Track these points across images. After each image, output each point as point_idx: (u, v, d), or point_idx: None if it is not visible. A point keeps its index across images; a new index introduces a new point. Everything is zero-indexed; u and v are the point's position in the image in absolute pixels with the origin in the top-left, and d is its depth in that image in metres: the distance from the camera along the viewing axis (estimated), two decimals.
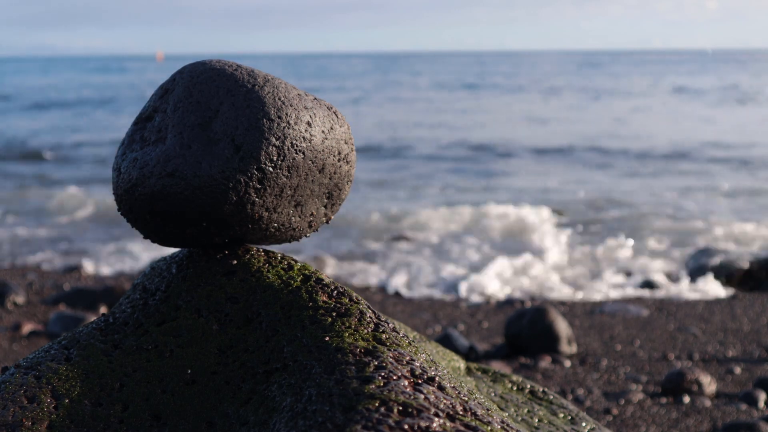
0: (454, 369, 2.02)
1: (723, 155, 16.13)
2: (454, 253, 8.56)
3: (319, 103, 1.76)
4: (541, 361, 4.87)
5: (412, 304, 6.39)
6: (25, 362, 1.67)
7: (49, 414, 1.55)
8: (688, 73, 54.66)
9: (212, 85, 1.67)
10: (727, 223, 9.79)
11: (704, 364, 4.86)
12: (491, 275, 7.39)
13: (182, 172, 1.63)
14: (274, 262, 1.78)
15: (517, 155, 16.87)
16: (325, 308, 1.65)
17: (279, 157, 1.66)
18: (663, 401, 4.23)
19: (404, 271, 7.71)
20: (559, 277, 7.54)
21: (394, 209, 10.83)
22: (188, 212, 1.65)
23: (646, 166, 15.08)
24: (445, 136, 19.90)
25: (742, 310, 6.12)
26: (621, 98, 31.66)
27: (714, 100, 29.80)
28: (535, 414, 1.93)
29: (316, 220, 1.81)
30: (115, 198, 1.74)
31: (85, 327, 1.77)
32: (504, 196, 12.03)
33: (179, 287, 1.75)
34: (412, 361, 1.53)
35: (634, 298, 6.71)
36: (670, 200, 11.61)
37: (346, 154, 1.79)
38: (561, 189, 12.73)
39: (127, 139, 1.76)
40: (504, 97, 33.61)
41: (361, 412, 1.33)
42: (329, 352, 1.53)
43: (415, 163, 15.78)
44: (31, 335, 5.43)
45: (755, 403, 4.19)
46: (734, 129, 20.71)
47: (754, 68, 61.87)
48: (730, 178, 13.56)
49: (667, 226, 9.82)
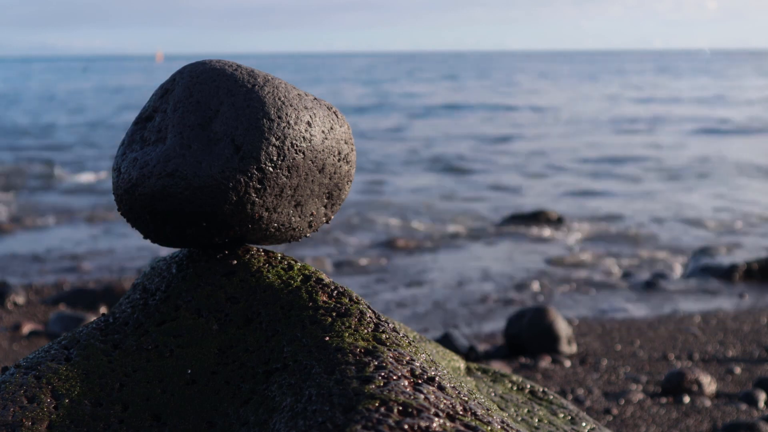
0: (454, 369, 2.02)
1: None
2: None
3: (319, 103, 1.76)
4: (541, 361, 4.87)
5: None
6: (25, 362, 1.67)
7: (49, 414, 1.55)
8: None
9: (212, 85, 1.67)
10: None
11: (704, 364, 4.86)
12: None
13: (182, 172, 1.63)
14: (274, 262, 1.78)
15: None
16: (325, 308, 1.65)
17: (279, 157, 1.66)
18: (663, 401, 4.23)
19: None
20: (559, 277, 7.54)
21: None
22: (188, 212, 1.65)
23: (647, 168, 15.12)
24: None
25: (742, 310, 6.12)
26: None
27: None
28: (535, 414, 1.93)
29: (316, 220, 1.81)
30: (114, 198, 1.74)
31: (85, 327, 1.77)
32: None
33: (179, 287, 1.75)
34: (412, 361, 1.53)
35: (634, 298, 6.71)
36: (670, 200, 11.63)
37: (347, 154, 1.79)
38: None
39: (127, 139, 1.76)
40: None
41: (361, 412, 1.33)
42: (329, 352, 1.53)
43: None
44: (31, 335, 5.43)
45: (755, 403, 4.19)
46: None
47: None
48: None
49: (667, 226, 9.83)
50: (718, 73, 57.39)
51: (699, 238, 9.10)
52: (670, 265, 7.94)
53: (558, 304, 6.37)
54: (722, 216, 10.42)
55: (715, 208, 11.00)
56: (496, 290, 6.86)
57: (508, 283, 7.14)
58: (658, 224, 9.98)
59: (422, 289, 6.91)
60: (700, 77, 50.88)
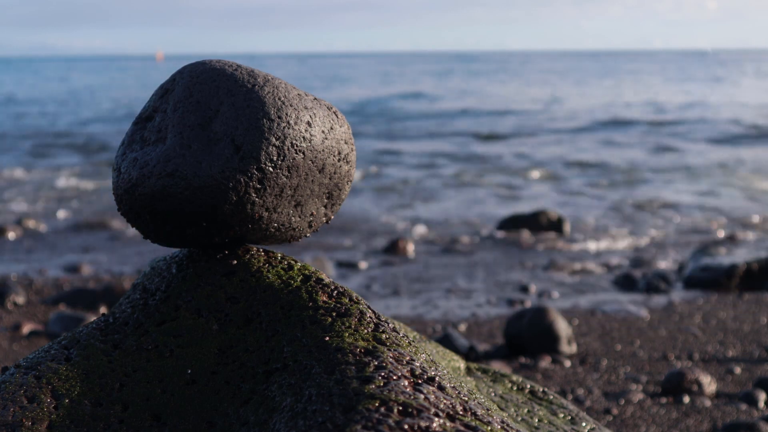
0: (454, 369, 2.02)
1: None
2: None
3: (319, 103, 1.76)
4: (541, 361, 4.87)
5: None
6: (25, 362, 1.67)
7: (49, 414, 1.55)
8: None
9: (212, 85, 1.67)
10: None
11: (704, 364, 4.86)
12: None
13: (182, 172, 1.63)
14: (274, 262, 1.78)
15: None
16: (325, 308, 1.65)
17: (279, 157, 1.66)
18: (663, 401, 4.23)
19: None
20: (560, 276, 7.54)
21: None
22: (188, 212, 1.65)
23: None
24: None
25: (742, 310, 6.12)
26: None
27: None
28: (535, 414, 1.93)
29: (316, 220, 1.81)
30: (114, 198, 1.74)
31: (85, 327, 1.77)
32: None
33: (179, 287, 1.75)
34: (412, 361, 1.53)
35: (634, 298, 6.71)
36: (670, 200, 11.63)
37: (346, 154, 1.79)
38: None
39: (127, 139, 1.76)
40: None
41: (361, 412, 1.33)
42: (329, 352, 1.53)
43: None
44: (31, 335, 5.43)
45: (755, 403, 4.19)
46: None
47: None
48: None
49: (667, 226, 9.83)
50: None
51: (699, 237, 9.11)
52: (670, 264, 7.94)
53: (558, 304, 6.37)
54: (720, 217, 10.43)
55: (713, 208, 11.00)
56: (496, 290, 6.86)
57: (508, 283, 7.14)
58: (659, 224, 9.98)
59: (422, 289, 6.91)
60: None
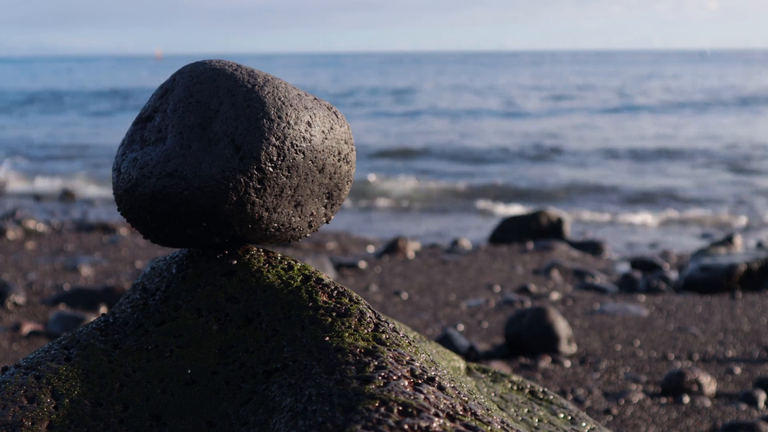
0: (454, 369, 2.02)
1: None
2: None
3: (319, 103, 1.76)
4: (541, 361, 4.87)
5: (412, 304, 6.38)
6: (25, 362, 1.67)
7: (49, 414, 1.55)
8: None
9: (212, 85, 1.67)
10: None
11: (704, 364, 4.86)
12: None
13: (182, 172, 1.63)
14: (274, 262, 1.78)
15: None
16: (325, 308, 1.65)
17: (279, 157, 1.66)
18: (663, 401, 4.23)
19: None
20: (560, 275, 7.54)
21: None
22: (188, 212, 1.65)
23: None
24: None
25: (742, 310, 6.12)
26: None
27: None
28: (535, 414, 1.93)
29: (316, 220, 1.81)
30: (115, 198, 1.74)
31: (85, 327, 1.77)
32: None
33: (179, 287, 1.75)
34: (412, 361, 1.53)
35: (634, 298, 6.71)
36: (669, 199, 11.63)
37: (346, 154, 1.79)
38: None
39: (127, 139, 1.76)
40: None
41: (361, 412, 1.33)
42: (329, 352, 1.53)
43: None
44: (31, 335, 5.43)
45: (755, 403, 4.19)
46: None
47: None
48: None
49: (667, 226, 9.83)
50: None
51: (698, 237, 9.11)
52: (670, 264, 7.94)
53: (558, 304, 6.37)
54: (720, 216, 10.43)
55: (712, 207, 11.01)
56: (496, 290, 6.86)
57: (508, 283, 7.14)
58: (658, 223, 9.98)
59: (421, 289, 6.91)
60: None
